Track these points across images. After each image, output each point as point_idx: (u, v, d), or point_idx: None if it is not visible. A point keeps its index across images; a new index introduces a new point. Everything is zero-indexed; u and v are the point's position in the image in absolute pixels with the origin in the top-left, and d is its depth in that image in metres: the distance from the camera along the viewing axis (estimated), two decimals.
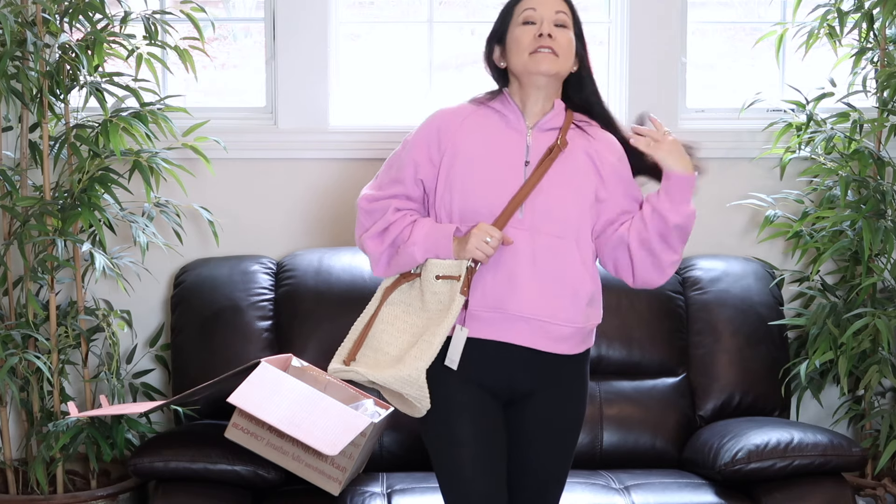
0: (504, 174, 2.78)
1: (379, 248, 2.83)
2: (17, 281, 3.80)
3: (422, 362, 2.70)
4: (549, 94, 2.84)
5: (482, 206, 2.77)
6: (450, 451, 2.78)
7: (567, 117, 2.84)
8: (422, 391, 2.72)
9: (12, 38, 3.53)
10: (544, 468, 2.86)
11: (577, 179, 2.80)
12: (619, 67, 4.17)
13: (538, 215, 2.76)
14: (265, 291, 3.87)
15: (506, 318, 2.76)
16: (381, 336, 2.79)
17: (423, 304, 2.78)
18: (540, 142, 2.82)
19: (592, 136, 2.85)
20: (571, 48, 2.82)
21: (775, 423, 3.63)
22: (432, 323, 2.74)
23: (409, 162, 2.83)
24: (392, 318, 2.80)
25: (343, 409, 3.11)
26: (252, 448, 3.31)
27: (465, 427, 2.77)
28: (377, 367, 2.75)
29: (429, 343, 2.71)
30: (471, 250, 2.71)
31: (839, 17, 3.91)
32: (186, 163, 3.87)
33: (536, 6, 2.82)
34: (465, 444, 2.76)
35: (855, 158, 3.93)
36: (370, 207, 2.85)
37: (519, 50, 2.80)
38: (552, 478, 2.88)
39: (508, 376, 2.80)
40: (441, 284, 2.75)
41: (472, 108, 2.88)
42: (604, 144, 2.86)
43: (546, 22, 2.80)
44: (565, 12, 2.83)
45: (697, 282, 3.98)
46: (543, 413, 2.83)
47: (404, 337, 2.77)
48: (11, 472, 3.79)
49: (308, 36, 4.07)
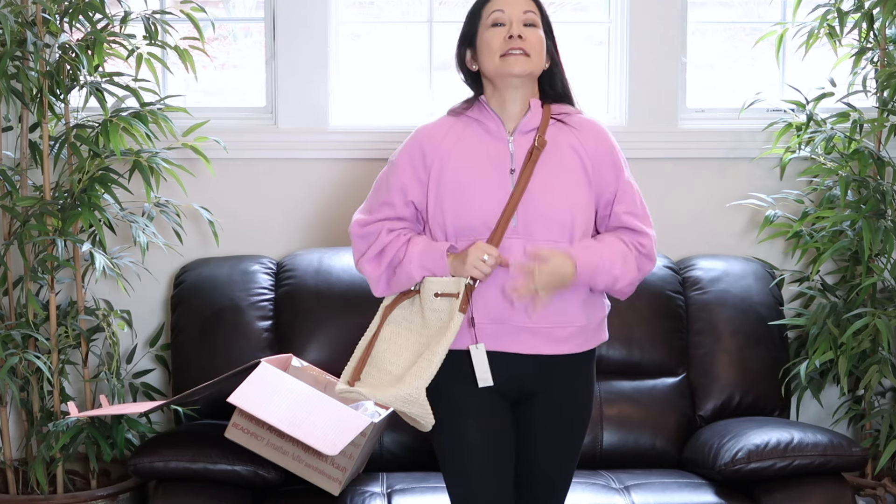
0: (492, 185, 2.77)
1: (377, 271, 2.82)
2: (17, 281, 3.80)
3: (421, 381, 2.71)
4: (524, 94, 2.81)
5: (475, 220, 2.76)
6: (457, 454, 2.79)
7: (545, 114, 2.82)
8: (423, 409, 2.73)
9: (12, 38, 3.53)
10: (551, 466, 2.87)
11: (564, 175, 2.78)
12: (619, 67, 4.17)
13: (530, 222, 2.75)
14: (265, 291, 3.87)
15: (509, 331, 2.77)
16: (384, 355, 2.79)
17: (423, 321, 2.78)
18: (523, 146, 2.80)
19: (575, 126, 2.83)
20: (542, 46, 2.80)
21: (775, 423, 3.63)
22: (432, 341, 2.74)
23: (396, 185, 2.82)
24: (394, 335, 2.80)
25: (343, 409, 3.11)
26: (252, 448, 3.31)
27: (472, 430, 2.78)
28: (380, 386, 2.76)
29: (428, 361, 2.71)
30: (468, 269, 2.71)
31: (839, 17, 3.91)
32: (186, 163, 3.87)
33: (504, 7, 2.78)
34: (472, 448, 2.77)
35: (855, 158, 3.93)
36: (363, 232, 2.85)
37: (490, 53, 2.78)
38: (559, 476, 2.89)
39: (515, 379, 2.81)
40: (440, 302, 2.75)
41: (452, 121, 2.86)
42: (588, 133, 2.83)
43: (515, 23, 2.77)
44: (533, 11, 2.80)
45: (697, 282, 3.98)
46: (550, 411, 2.83)
47: (406, 354, 2.77)
48: (11, 472, 3.79)
49: (308, 36, 4.07)
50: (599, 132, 2.85)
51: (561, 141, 2.80)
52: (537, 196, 2.76)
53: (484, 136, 2.81)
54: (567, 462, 2.90)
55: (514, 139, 2.80)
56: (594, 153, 2.81)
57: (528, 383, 2.82)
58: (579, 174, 2.79)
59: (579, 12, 4.26)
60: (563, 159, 2.79)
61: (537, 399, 2.83)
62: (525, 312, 2.74)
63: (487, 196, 2.76)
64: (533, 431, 2.85)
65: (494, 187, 2.77)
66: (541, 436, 2.85)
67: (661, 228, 4.11)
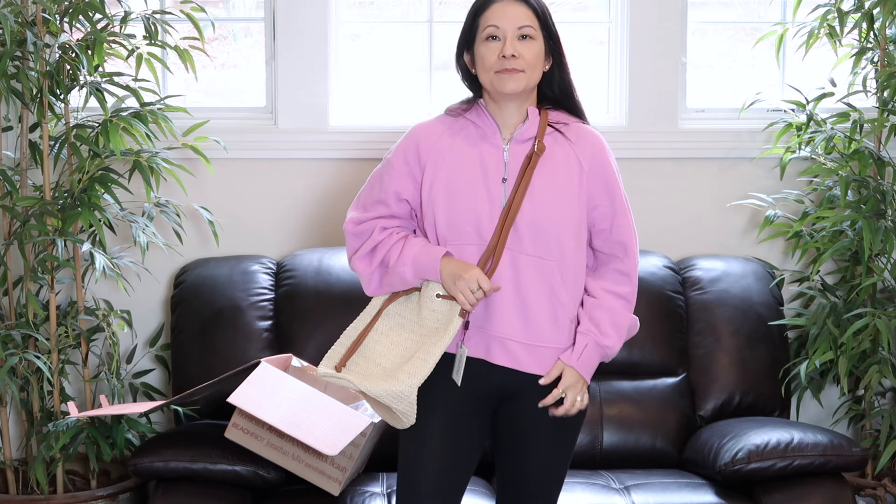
0: (483, 191, 2.75)
1: (369, 269, 2.82)
2: (17, 281, 3.80)
3: (415, 379, 2.70)
4: (521, 103, 2.80)
5: (465, 224, 2.75)
6: (415, 443, 2.78)
7: (542, 121, 2.80)
8: (411, 407, 2.73)
9: (12, 38, 3.53)
10: (541, 467, 2.85)
11: (559, 188, 2.75)
12: (619, 67, 4.17)
13: (520, 236, 2.73)
14: (265, 291, 3.87)
15: (488, 338, 2.77)
16: (375, 347, 2.79)
17: (419, 319, 2.77)
18: (518, 155, 2.78)
19: (572, 139, 2.80)
20: (539, 58, 2.76)
21: (775, 423, 3.63)
22: (427, 341, 2.74)
23: (390, 184, 2.82)
24: (386, 329, 2.79)
25: (343, 409, 3.11)
26: (252, 448, 3.31)
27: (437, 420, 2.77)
28: (368, 377, 2.75)
29: (424, 361, 2.71)
30: (456, 291, 2.70)
31: (839, 17, 3.91)
32: (186, 163, 3.87)
33: (499, 22, 2.74)
34: (431, 440, 2.77)
35: (855, 158, 3.93)
36: (356, 230, 2.84)
37: (484, 67, 2.76)
38: (549, 477, 2.87)
39: (496, 383, 2.80)
40: (441, 303, 2.75)
41: (449, 121, 2.84)
42: (586, 147, 2.80)
43: (510, 38, 2.74)
44: (530, 25, 2.75)
45: (697, 282, 3.98)
46: (537, 411, 2.81)
47: (397, 350, 2.77)
48: (11, 472, 3.79)
49: (308, 36, 4.07)
50: (597, 147, 2.81)
51: (557, 152, 2.78)
52: (532, 210, 2.74)
53: (479, 141, 2.80)
54: (558, 466, 2.87)
55: (509, 148, 2.78)
56: (589, 168, 2.78)
57: (510, 386, 2.81)
58: (574, 188, 2.77)
59: (579, 12, 4.26)
60: (558, 171, 2.77)
61: (520, 398, 2.81)
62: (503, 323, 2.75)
63: (478, 202, 2.75)
64: (521, 433, 2.83)
65: (486, 195, 2.75)
66: (529, 438, 2.83)
67: (661, 228, 4.14)
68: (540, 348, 2.77)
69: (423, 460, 2.78)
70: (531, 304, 2.75)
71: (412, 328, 2.78)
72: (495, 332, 2.76)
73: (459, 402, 2.78)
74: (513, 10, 2.75)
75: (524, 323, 2.75)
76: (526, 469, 2.85)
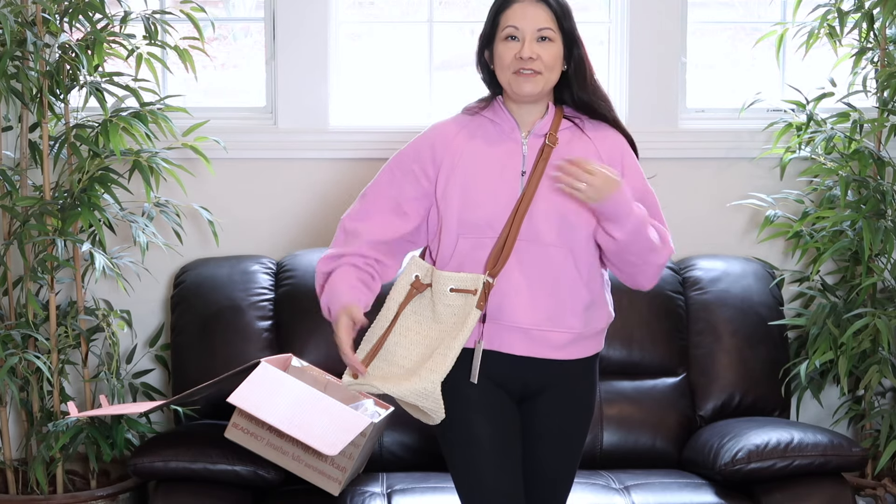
0: (501, 186, 2.77)
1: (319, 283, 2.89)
2: (17, 281, 3.80)
3: (437, 375, 2.70)
4: (539, 102, 2.82)
5: (480, 220, 2.76)
6: (467, 451, 2.78)
7: (556, 116, 2.82)
8: (437, 403, 2.73)
9: (12, 37, 3.53)
10: (552, 467, 2.87)
11: None
12: (619, 67, 4.17)
13: (534, 225, 2.75)
14: (265, 291, 3.87)
15: (503, 329, 2.77)
16: (395, 349, 2.79)
17: (434, 314, 2.78)
18: (535, 148, 2.80)
19: (590, 134, 2.83)
20: (557, 60, 2.78)
21: (775, 423, 3.63)
22: (447, 335, 2.74)
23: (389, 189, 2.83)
24: (405, 329, 2.80)
25: (343, 409, 3.10)
26: (252, 448, 3.31)
27: (480, 424, 2.78)
28: (391, 379, 2.75)
29: (444, 356, 2.71)
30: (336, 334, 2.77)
31: (839, 17, 3.91)
32: (186, 163, 3.87)
33: (518, 23, 2.76)
34: (480, 440, 2.77)
35: (855, 158, 3.93)
36: (344, 237, 2.86)
37: (502, 67, 2.78)
38: (559, 477, 2.89)
39: (518, 377, 2.81)
40: (455, 297, 2.75)
41: (466, 120, 2.86)
42: (605, 141, 2.82)
43: (528, 39, 2.75)
44: (550, 27, 2.78)
45: (697, 282, 3.98)
46: (551, 412, 2.83)
47: (418, 349, 2.77)
48: (11, 472, 3.79)
49: (308, 36, 4.07)
50: (616, 140, 2.84)
51: (575, 145, 2.80)
52: (545, 199, 2.75)
53: (497, 137, 2.82)
54: (569, 463, 2.90)
55: (528, 142, 2.80)
56: (608, 160, 2.79)
57: (531, 382, 2.82)
58: None
59: (579, 12, 4.20)
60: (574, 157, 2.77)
61: (541, 398, 2.83)
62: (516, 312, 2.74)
63: (495, 197, 2.76)
64: (536, 432, 2.85)
65: (503, 188, 2.77)
66: (545, 436, 2.85)
67: None
68: (558, 334, 2.77)
69: (476, 460, 2.77)
70: (543, 291, 2.75)
71: (429, 325, 2.78)
72: (509, 321, 2.76)
73: (492, 391, 2.79)
74: (533, 10, 2.77)
75: (537, 310, 2.75)
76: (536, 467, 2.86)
